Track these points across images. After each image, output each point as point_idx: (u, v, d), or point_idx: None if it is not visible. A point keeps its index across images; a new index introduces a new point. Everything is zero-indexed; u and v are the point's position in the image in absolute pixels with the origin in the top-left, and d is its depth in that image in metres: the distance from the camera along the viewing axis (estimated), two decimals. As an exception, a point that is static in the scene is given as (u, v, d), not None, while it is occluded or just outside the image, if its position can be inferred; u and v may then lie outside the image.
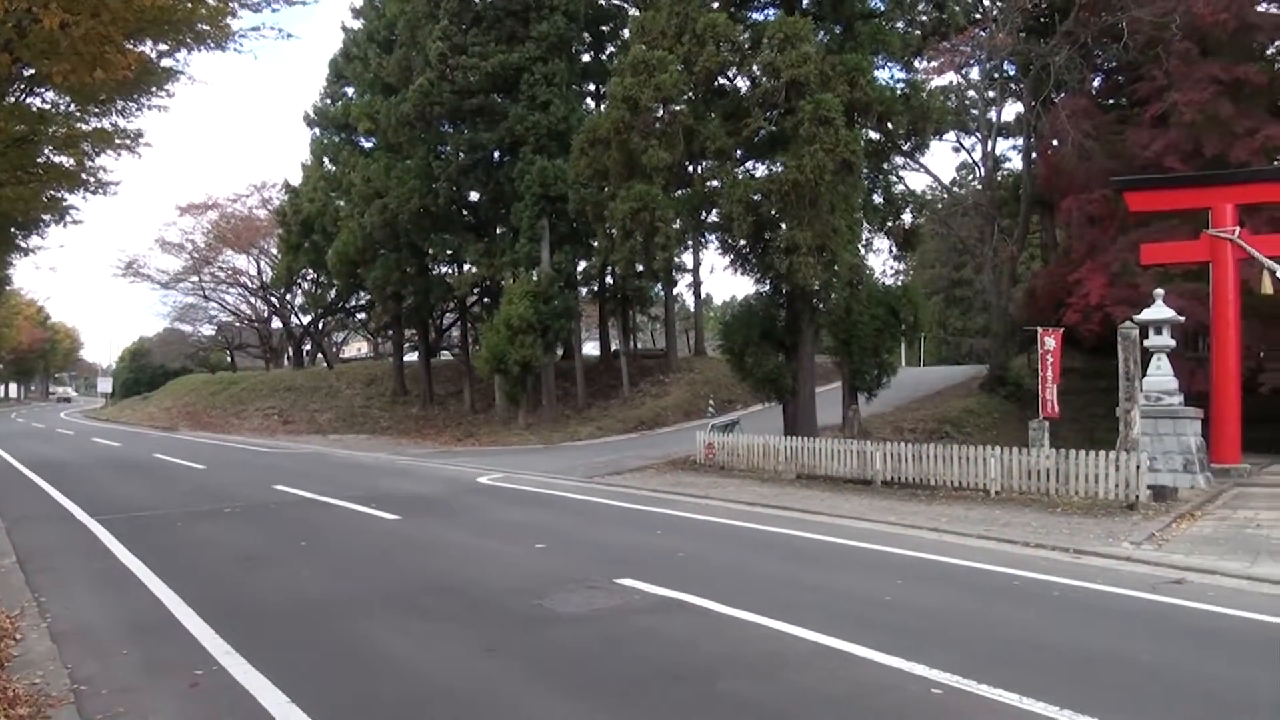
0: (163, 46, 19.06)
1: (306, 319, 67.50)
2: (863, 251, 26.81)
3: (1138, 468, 15.51)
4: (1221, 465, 20.19)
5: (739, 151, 24.09)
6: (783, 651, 7.16)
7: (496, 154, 38.63)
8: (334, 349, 74.67)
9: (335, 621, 8.47)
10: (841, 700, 6.11)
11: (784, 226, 22.29)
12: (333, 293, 56.16)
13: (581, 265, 41.12)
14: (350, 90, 46.09)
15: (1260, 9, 28.81)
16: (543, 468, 24.54)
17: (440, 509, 16.79)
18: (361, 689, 6.56)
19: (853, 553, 12.06)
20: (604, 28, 41.57)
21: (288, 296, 66.45)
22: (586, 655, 7.26)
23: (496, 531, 13.88)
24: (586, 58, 41.76)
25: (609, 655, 7.24)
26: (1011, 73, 37.89)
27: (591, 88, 42.11)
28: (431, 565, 11.22)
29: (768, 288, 25.26)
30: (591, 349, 55.56)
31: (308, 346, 69.21)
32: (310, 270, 56.15)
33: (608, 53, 41.52)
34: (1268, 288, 20.54)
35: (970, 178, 52.15)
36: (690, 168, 24.53)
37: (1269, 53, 31.47)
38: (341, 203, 44.78)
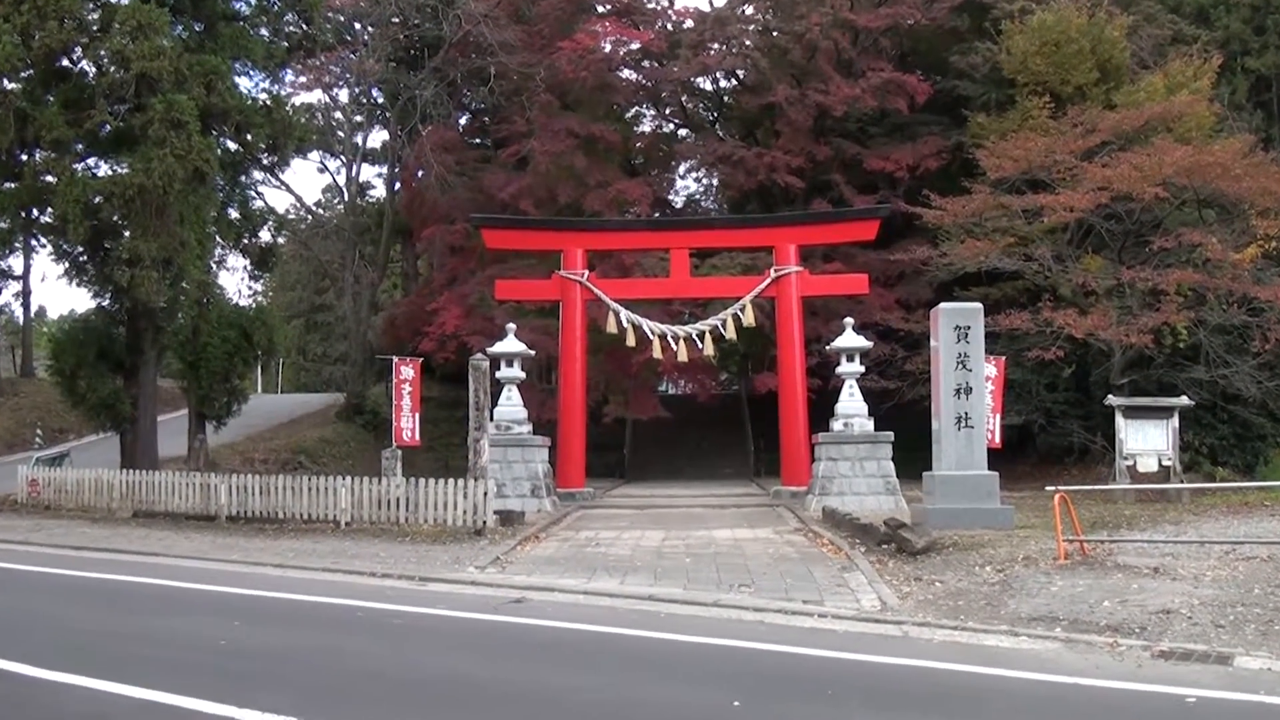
0: None
1: None
2: (215, 268, 25.96)
3: (485, 494, 15.93)
4: (568, 489, 21.65)
5: (80, 146, 22.37)
6: (104, 714, 6.40)
7: None
8: None
9: None
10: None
11: (127, 235, 21.07)
12: None
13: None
14: None
15: (622, 74, 31.96)
16: None
17: None
18: None
19: (191, 596, 11.21)
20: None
21: None
22: None
23: None
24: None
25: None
26: (380, 100, 38.38)
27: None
28: None
29: (107, 302, 23.57)
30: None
31: None
32: None
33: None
34: (612, 327, 22.45)
35: (335, 200, 51.75)
36: (23, 157, 22.19)
37: (628, 116, 35.07)
38: None
